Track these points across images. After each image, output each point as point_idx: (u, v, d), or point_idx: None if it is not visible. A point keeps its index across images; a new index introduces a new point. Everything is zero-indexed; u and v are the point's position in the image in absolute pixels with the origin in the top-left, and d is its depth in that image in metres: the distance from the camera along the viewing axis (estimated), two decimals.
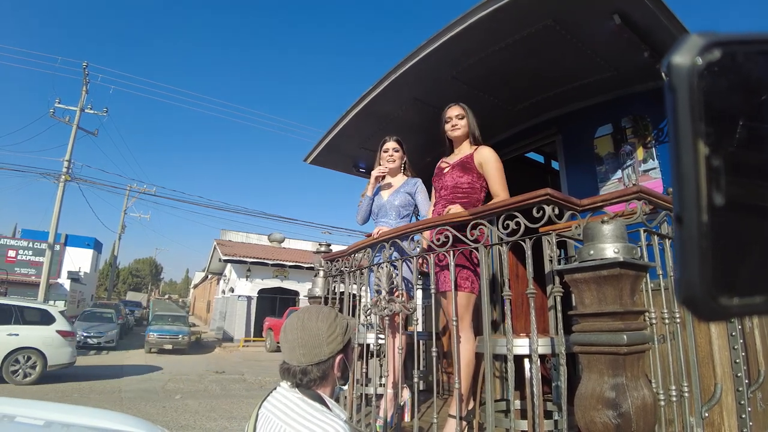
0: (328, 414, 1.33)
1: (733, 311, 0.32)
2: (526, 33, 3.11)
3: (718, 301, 0.31)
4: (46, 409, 2.24)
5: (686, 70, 0.31)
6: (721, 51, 0.31)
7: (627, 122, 3.71)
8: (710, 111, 0.31)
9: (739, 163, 0.32)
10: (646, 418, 1.67)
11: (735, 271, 0.32)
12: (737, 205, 0.31)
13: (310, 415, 1.31)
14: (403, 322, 2.95)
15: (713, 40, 0.31)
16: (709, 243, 0.31)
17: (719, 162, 0.31)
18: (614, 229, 1.77)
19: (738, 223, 0.32)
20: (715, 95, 0.31)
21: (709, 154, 0.31)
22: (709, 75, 0.31)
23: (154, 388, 10.38)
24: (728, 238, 0.31)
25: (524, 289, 2.20)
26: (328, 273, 3.67)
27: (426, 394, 3.70)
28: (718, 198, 0.31)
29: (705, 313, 0.32)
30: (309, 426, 1.27)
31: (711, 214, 0.30)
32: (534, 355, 2.09)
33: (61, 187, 19.27)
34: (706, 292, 0.31)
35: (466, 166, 3.05)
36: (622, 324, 1.69)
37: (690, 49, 0.31)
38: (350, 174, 5.57)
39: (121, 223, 31.08)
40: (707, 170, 0.30)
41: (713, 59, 0.31)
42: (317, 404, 1.35)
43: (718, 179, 0.31)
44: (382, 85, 3.78)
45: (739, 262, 0.32)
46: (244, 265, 23.57)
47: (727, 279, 0.31)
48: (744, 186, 0.32)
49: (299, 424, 1.28)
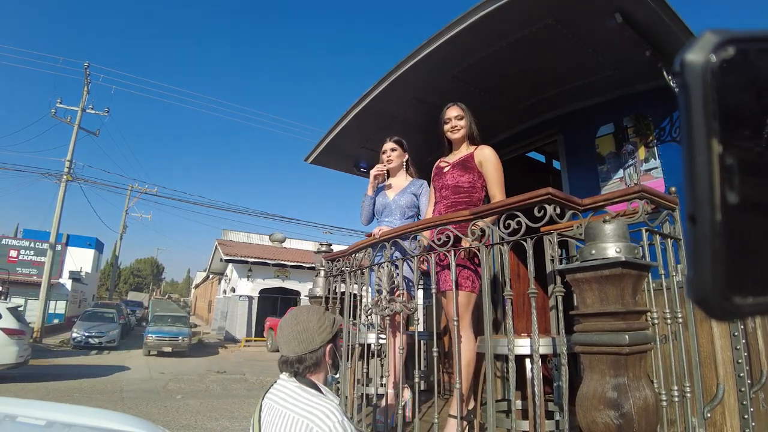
0: (323, 398, 1.53)
1: (746, 310, 0.32)
2: (527, 32, 3.10)
3: (731, 300, 0.31)
4: (48, 409, 2.24)
5: (700, 68, 0.30)
6: (734, 48, 0.30)
7: (629, 121, 3.70)
8: (724, 109, 0.30)
9: (753, 161, 0.31)
10: (647, 418, 1.66)
11: (748, 270, 0.31)
12: (751, 204, 0.31)
13: (308, 399, 1.50)
14: (404, 321, 2.94)
15: (727, 38, 0.30)
16: (723, 242, 0.30)
17: (733, 160, 0.30)
18: (616, 229, 1.76)
19: (751, 222, 0.31)
20: (728, 93, 0.30)
21: (722, 153, 0.30)
22: (723, 72, 0.30)
23: (156, 388, 10.38)
24: (741, 237, 0.31)
25: (526, 289, 2.19)
26: (329, 273, 3.67)
27: (427, 394, 3.69)
28: (731, 197, 0.30)
29: (718, 312, 0.31)
30: (307, 409, 1.45)
31: (725, 213, 0.30)
32: (535, 355, 2.09)
33: (63, 187, 19.31)
34: (719, 292, 0.31)
35: (466, 165, 3.05)
36: (623, 324, 1.69)
37: (704, 47, 0.30)
38: (351, 174, 5.57)
39: (123, 223, 31.12)
40: (721, 169, 0.30)
41: (727, 56, 0.30)
42: (313, 390, 1.55)
43: (732, 178, 0.30)
44: (383, 84, 3.77)
45: (753, 261, 0.31)
46: (246, 265, 23.60)
47: (740, 278, 0.31)
48: (758, 185, 0.31)
49: (298, 408, 1.47)
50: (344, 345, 3.39)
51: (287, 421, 1.44)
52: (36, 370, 11.64)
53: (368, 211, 3.60)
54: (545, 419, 2.16)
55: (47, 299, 19.66)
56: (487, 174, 2.99)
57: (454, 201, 3.03)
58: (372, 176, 3.53)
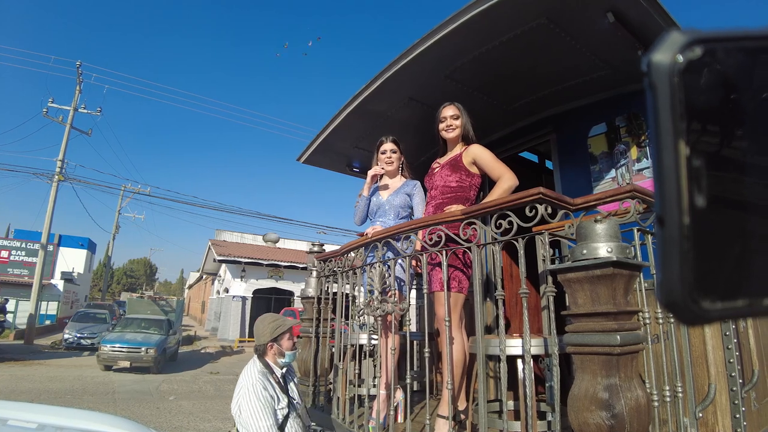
0: (259, 368, 2.68)
1: (714, 315, 0.31)
2: (520, 31, 3.10)
3: (699, 304, 0.30)
4: (39, 412, 2.21)
5: (667, 68, 0.30)
6: (702, 48, 0.30)
7: (621, 121, 3.71)
8: (691, 109, 0.30)
9: (721, 163, 0.31)
10: (639, 418, 1.66)
11: (716, 274, 0.31)
12: (719, 207, 0.31)
13: (251, 366, 2.71)
14: (396, 322, 2.92)
15: (694, 38, 0.30)
16: (691, 245, 0.30)
17: (701, 162, 0.30)
18: (607, 229, 1.75)
19: (719, 226, 0.31)
20: (696, 93, 0.30)
21: (690, 154, 0.30)
22: (690, 73, 0.30)
23: (148, 390, 10.33)
24: (710, 240, 0.31)
25: (518, 289, 2.18)
26: (321, 273, 3.65)
27: (420, 394, 3.68)
28: (699, 199, 0.30)
29: (686, 316, 0.31)
30: (245, 370, 2.69)
31: (692, 216, 0.30)
32: (527, 356, 2.08)
33: (54, 187, 19.16)
34: (688, 296, 0.30)
35: (454, 165, 3.04)
36: (615, 324, 1.68)
37: (670, 47, 0.30)
38: (344, 173, 5.55)
39: (116, 224, 30.87)
40: (688, 171, 0.30)
41: (694, 57, 0.30)
42: (260, 363, 2.73)
43: (700, 180, 0.30)
44: (375, 83, 3.75)
45: (721, 265, 0.31)
46: (239, 266, 23.50)
47: (709, 282, 0.31)
48: (726, 187, 0.31)
49: (246, 370, 2.70)
50: (336, 346, 3.38)
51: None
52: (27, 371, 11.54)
53: (362, 212, 3.57)
54: (537, 419, 2.15)
55: (39, 300, 19.50)
56: (485, 167, 2.97)
57: (442, 201, 3.02)
58: (370, 177, 3.50)
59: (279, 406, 2.60)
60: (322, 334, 3.65)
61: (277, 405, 2.59)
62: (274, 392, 2.61)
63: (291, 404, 2.69)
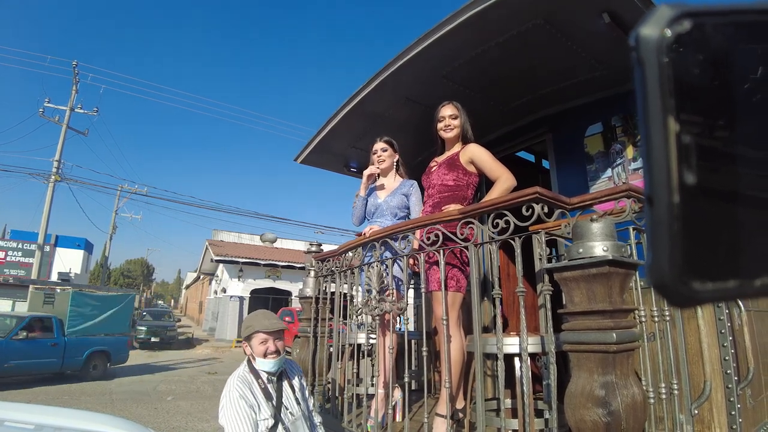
0: (241, 367, 2.43)
1: (705, 296, 0.30)
2: (516, 32, 3.11)
3: (690, 286, 0.30)
4: (36, 413, 2.20)
5: (655, 43, 0.29)
6: (691, 22, 0.29)
7: (617, 121, 3.72)
8: (680, 85, 0.29)
9: (711, 140, 0.30)
10: (635, 415, 1.67)
11: (707, 255, 0.30)
12: (709, 185, 0.30)
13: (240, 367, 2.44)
14: (394, 321, 2.94)
15: (683, 11, 0.29)
16: (681, 225, 0.29)
17: (690, 139, 0.29)
18: (603, 228, 1.76)
19: (710, 204, 0.30)
20: (685, 69, 0.29)
21: (679, 131, 0.29)
22: (679, 47, 0.29)
23: (146, 390, 10.30)
24: (700, 219, 0.30)
25: (515, 288, 2.19)
26: (319, 273, 3.66)
27: (418, 393, 3.69)
28: (689, 177, 0.29)
29: (677, 298, 0.30)
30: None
31: (682, 195, 0.29)
32: (524, 354, 2.09)
33: (51, 187, 19.09)
34: (678, 277, 0.30)
35: (451, 163, 3.05)
36: (611, 322, 1.69)
37: (658, 21, 0.29)
38: (342, 173, 5.55)
39: (112, 224, 30.75)
40: (678, 148, 0.29)
41: (683, 31, 0.29)
42: (245, 362, 2.45)
43: (690, 157, 0.29)
44: (373, 84, 3.76)
45: (712, 245, 0.30)
46: (236, 266, 23.47)
47: (700, 263, 0.30)
48: (716, 165, 0.30)
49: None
50: (334, 345, 3.39)
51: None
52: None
53: (360, 212, 3.58)
54: (535, 417, 2.16)
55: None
56: (483, 166, 2.97)
57: (439, 200, 3.03)
58: (365, 177, 3.52)
59: (261, 416, 2.24)
60: (320, 334, 3.65)
61: (259, 415, 2.24)
62: (255, 400, 2.26)
63: (279, 414, 2.33)
